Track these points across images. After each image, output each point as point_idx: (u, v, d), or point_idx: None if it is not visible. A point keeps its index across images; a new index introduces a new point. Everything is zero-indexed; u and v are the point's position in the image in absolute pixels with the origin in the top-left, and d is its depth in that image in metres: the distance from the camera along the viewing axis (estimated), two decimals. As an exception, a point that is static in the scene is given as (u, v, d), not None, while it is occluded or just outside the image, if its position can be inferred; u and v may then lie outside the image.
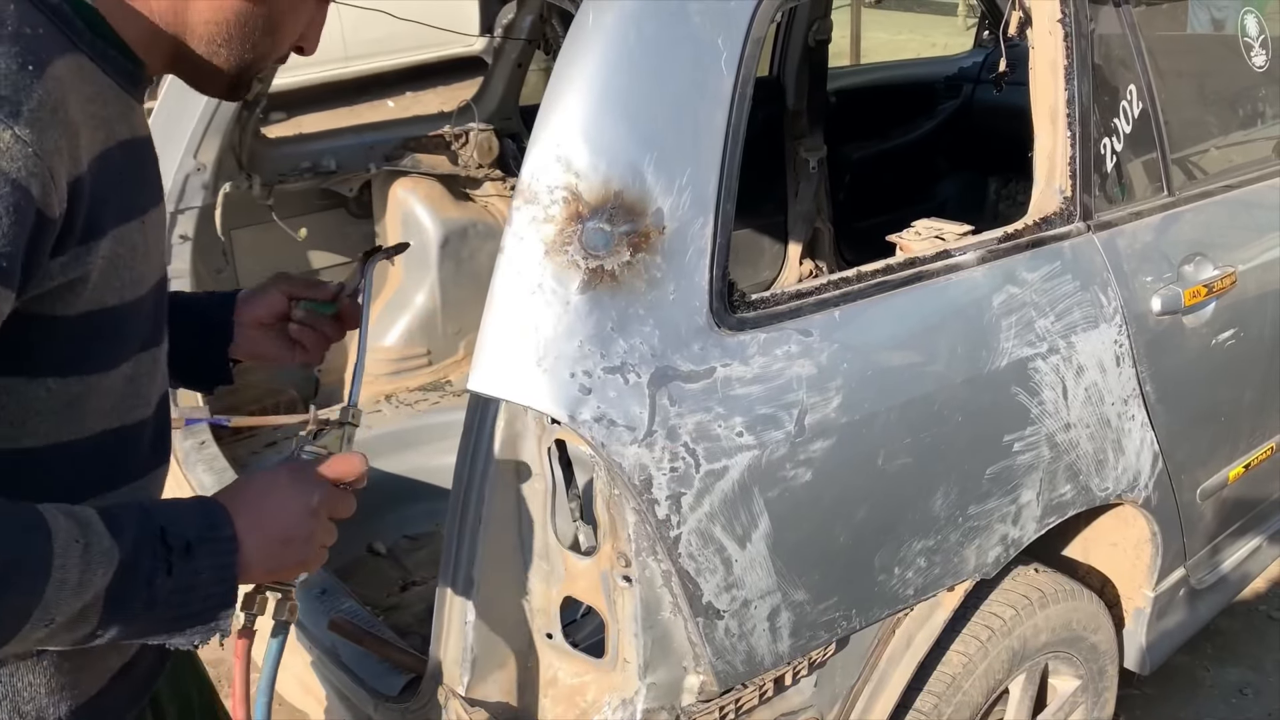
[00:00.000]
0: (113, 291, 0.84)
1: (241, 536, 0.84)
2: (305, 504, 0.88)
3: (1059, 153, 1.56)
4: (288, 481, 0.89)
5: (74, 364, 0.84)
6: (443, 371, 2.73)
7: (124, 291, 0.85)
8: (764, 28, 1.23)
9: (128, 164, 0.85)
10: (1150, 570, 1.81)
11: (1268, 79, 2.05)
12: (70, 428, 0.85)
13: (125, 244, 0.84)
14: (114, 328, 0.86)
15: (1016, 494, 1.45)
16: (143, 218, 0.88)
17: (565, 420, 1.10)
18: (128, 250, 0.85)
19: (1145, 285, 1.62)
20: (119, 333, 0.87)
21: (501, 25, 2.74)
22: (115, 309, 0.85)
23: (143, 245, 0.88)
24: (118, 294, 0.85)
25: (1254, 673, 2.42)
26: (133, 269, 0.86)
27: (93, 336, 0.84)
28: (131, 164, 0.86)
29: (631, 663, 1.20)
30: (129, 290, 0.86)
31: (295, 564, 0.89)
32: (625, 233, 1.12)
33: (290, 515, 0.88)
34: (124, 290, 0.85)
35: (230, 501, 0.87)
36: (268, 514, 0.87)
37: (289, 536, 0.88)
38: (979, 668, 1.59)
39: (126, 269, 0.85)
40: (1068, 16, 1.55)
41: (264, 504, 0.88)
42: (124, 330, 0.87)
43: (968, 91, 3.63)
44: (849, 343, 1.27)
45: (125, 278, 0.85)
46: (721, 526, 1.16)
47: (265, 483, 0.90)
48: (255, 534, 0.86)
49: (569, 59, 1.16)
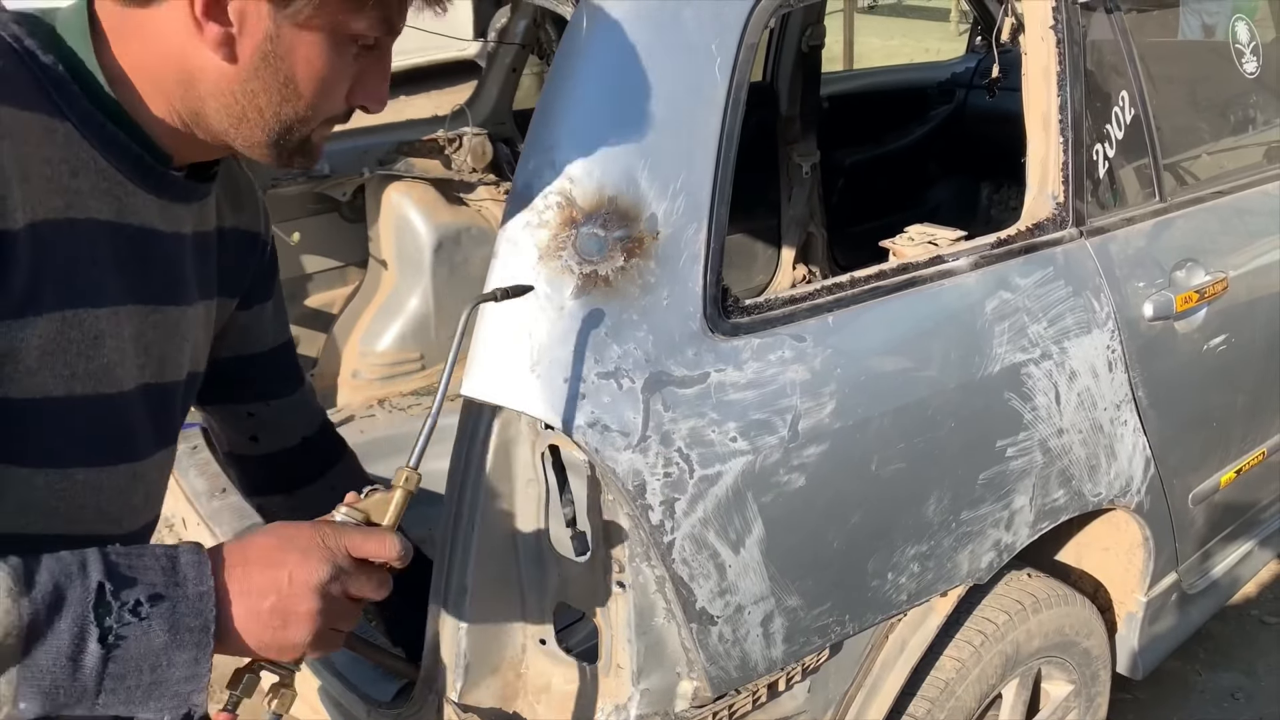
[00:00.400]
0: (59, 381, 0.73)
1: (229, 597, 0.71)
2: (315, 576, 0.74)
3: (1052, 158, 1.57)
4: (305, 545, 0.75)
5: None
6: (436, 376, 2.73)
7: (73, 384, 0.74)
8: (758, 33, 1.23)
9: (103, 246, 0.77)
10: (1142, 575, 1.82)
11: (1258, 85, 2.06)
12: None
13: (82, 331, 0.75)
14: (55, 421, 0.74)
15: (1009, 499, 1.45)
16: (120, 309, 0.78)
17: (559, 426, 1.10)
18: (88, 339, 0.75)
19: (1137, 291, 1.63)
20: (62, 429, 0.75)
21: (495, 30, 2.74)
22: (61, 401, 0.73)
23: (117, 340, 0.78)
24: (65, 384, 0.74)
25: (1245, 677, 2.43)
26: (92, 360, 0.76)
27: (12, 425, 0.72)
28: (112, 249, 0.78)
29: (625, 669, 1.20)
30: (81, 384, 0.75)
31: (293, 645, 0.74)
32: (619, 238, 1.12)
33: (294, 586, 0.73)
34: (73, 383, 0.74)
35: (230, 553, 0.74)
36: (266, 578, 0.73)
37: (286, 610, 0.73)
38: (972, 673, 1.60)
39: (82, 358, 0.75)
40: (1060, 22, 1.56)
41: (267, 563, 0.74)
42: (68, 427, 0.76)
43: (960, 97, 3.64)
44: (843, 348, 1.27)
45: (79, 368, 0.75)
46: (715, 532, 1.16)
47: (279, 540, 0.75)
48: (245, 599, 0.72)
49: (563, 64, 1.16)
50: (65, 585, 0.65)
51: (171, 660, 0.68)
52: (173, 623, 0.68)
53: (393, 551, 0.78)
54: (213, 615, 0.70)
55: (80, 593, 0.65)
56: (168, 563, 0.70)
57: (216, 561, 0.72)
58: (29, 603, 0.63)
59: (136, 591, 0.67)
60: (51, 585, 0.65)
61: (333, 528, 0.78)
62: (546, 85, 1.17)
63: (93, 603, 0.65)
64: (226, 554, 0.73)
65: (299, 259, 2.61)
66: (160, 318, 0.84)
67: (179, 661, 0.68)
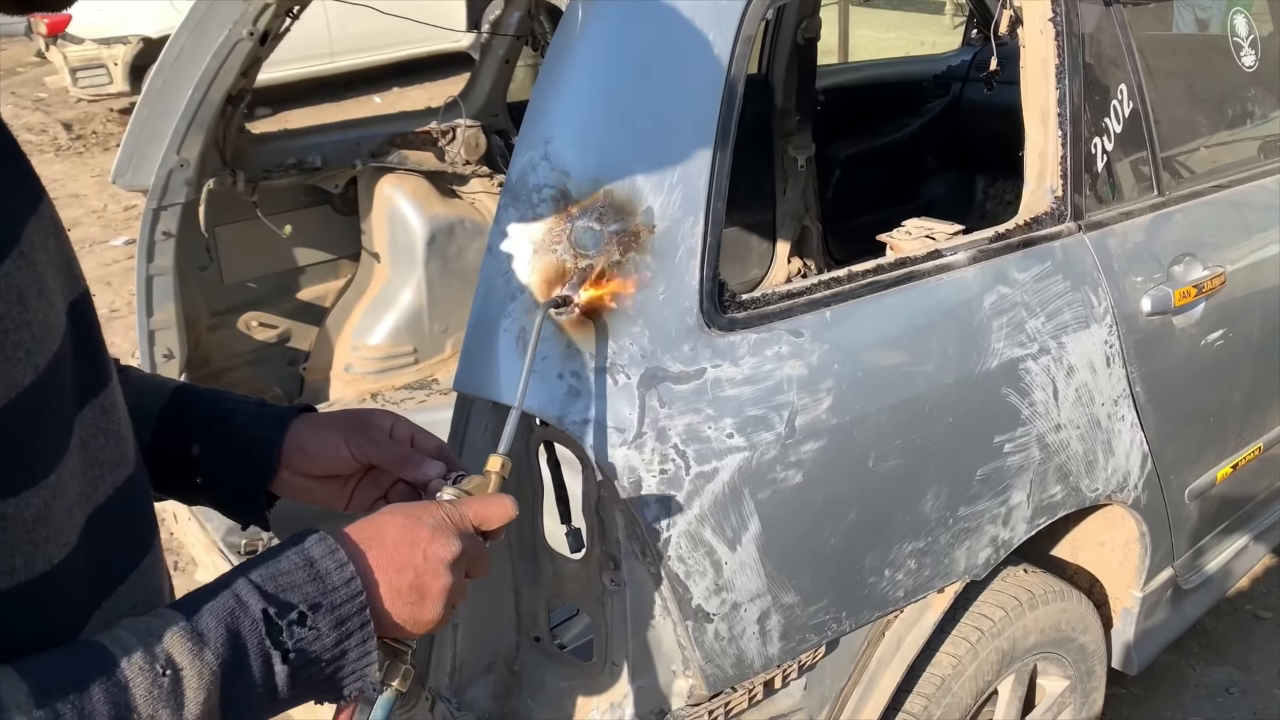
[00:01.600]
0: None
1: (372, 577, 0.73)
2: (449, 551, 0.76)
3: (1050, 152, 1.56)
4: (436, 521, 0.76)
5: None
6: (429, 369, 2.72)
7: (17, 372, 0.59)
8: (755, 25, 1.22)
9: None
10: (1138, 570, 1.81)
11: (1256, 79, 2.05)
12: None
13: None
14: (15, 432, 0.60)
15: (1007, 495, 1.44)
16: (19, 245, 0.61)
17: (554, 422, 1.09)
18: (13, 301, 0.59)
19: (1135, 285, 1.62)
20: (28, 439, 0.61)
21: (488, 21, 2.72)
22: None
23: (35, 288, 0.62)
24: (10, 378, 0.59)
25: (1240, 672, 2.43)
26: (28, 328, 0.60)
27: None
28: None
29: (620, 666, 1.19)
30: (23, 370, 0.60)
31: (428, 620, 0.75)
32: (615, 231, 1.11)
33: (430, 562, 0.75)
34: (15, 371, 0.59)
35: (365, 536, 0.74)
36: (404, 555, 0.74)
37: (424, 587, 0.74)
38: (968, 669, 1.59)
39: (16, 330, 0.59)
40: (1059, 15, 1.55)
41: (402, 541, 0.75)
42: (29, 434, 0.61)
43: (956, 90, 3.63)
44: (840, 343, 1.26)
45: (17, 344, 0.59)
46: (711, 529, 1.15)
47: (409, 519, 0.76)
48: (386, 577, 0.73)
49: (558, 55, 1.14)
50: (235, 624, 0.67)
51: (345, 650, 0.71)
52: (336, 620, 0.71)
53: (513, 508, 0.82)
54: (364, 600, 0.72)
55: (250, 625, 0.68)
56: (307, 567, 0.71)
57: (348, 545, 0.74)
58: (213, 655, 0.65)
59: (297, 608, 0.69)
60: (223, 630, 0.67)
61: (453, 504, 0.80)
62: (541, 77, 1.16)
63: (264, 631, 0.68)
64: (359, 538, 0.74)
65: (291, 252, 2.59)
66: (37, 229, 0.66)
67: (351, 647, 0.71)
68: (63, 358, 0.65)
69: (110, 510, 0.69)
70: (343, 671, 0.72)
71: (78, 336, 0.68)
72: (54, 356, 0.63)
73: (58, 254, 0.67)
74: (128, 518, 0.72)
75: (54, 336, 0.64)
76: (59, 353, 0.64)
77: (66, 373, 0.66)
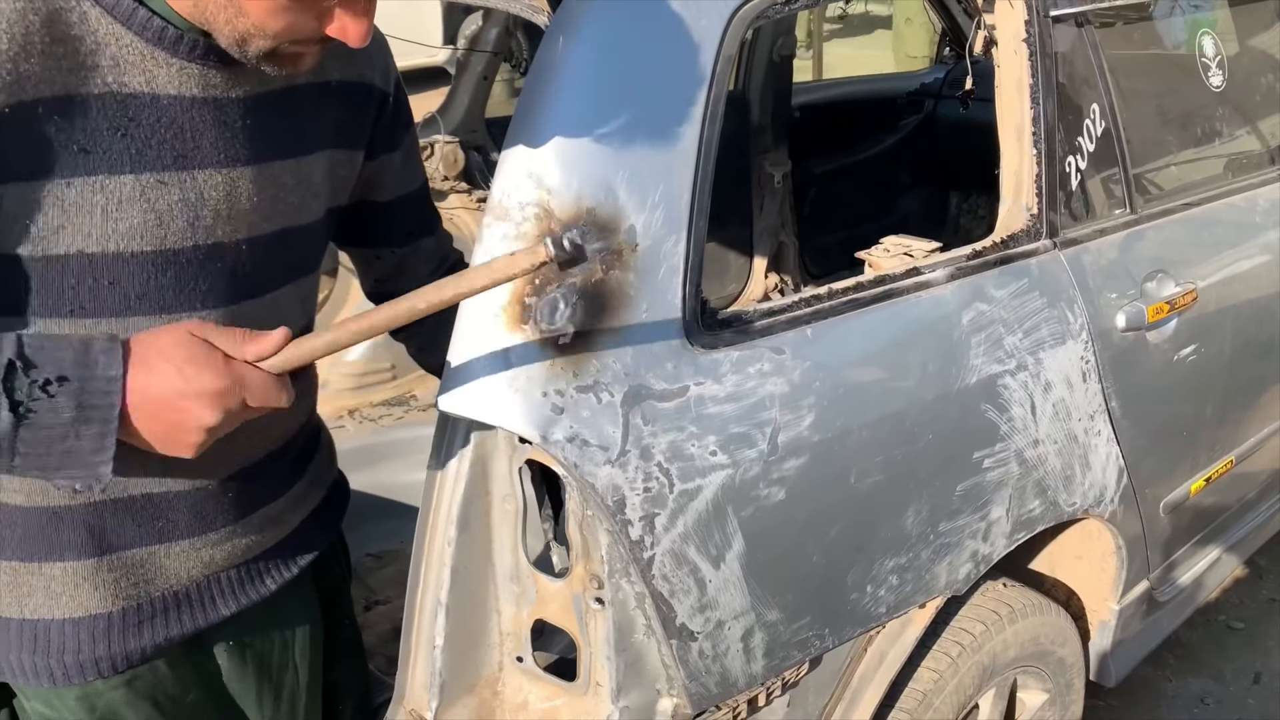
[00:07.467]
0: (80, 238, 0.83)
1: (134, 385, 0.79)
2: (215, 386, 0.82)
3: (1025, 170, 1.57)
4: (201, 356, 0.82)
5: None
6: (407, 386, 2.70)
7: (104, 242, 0.84)
8: (735, 45, 1.23)
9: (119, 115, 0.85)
10: (1115, 583, 1.83)
11: (1224, 99, 2.09)
12: None
13: (106, 195, 0.84)
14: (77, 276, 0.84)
15: (986, 510, 1.45)
16: (141, 176, 0.86)
17: (537, 440, 1.08)
18: (114, 203, 0.84)
19: (1110, 302, 1.64)
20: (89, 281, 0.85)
21: (465, 37, 2.72)
22: (77, 257, 0.83)
23: (140, 200, 0.86)
24: (89, 242, 0.84)
25: (1215, 682, 2.46)
26: (120, 220, 0.85)
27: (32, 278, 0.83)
28: (116, 119, 0.85)
29: (604, 686, 1.18)
30: (110, 242, 0.85)
31: (183, 448, 0.83)
32: (598, 250, 1.11)
33: (195, 400, 0.81)
34: (98, 241, 0.84)
35: (141, 348, 0.81)
36: (164, 382, 0.80)
37: (182, 424, 0.81)
38: (950, 684, 1.60)
39: (107, 219, 0.84)
40: (1032, 36, 1.57)
41: (175, 378, 0.81)
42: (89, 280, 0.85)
43: (929, 107, 3.66)
44: (821, 360, 1.26)
45: (101, 229, 0.84)
46: (695, 547, 1.15)
47: (180, 346, 0.82)
48: (144, 395, 0.80)
49: (540, 74, 1.15)
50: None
51: (79, 434, 0.77)
52: (79, 402, 0.77)
53: (281, 339, 0.86)
54: (116, 399, 0.78)
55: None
56: (81, 348, 0.78)
57: (136, 359, 0.80)
58: None
59: (44, 371, 0.76)
60: None
61: (220, 331, 0.85)
62: (523, 95, 1.16)
63: (1, 377, 0.75)
64: (137, 348, 0.81)
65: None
66: (219, 179, 0.91)
67: (86, 435, 0.77)
68: (134, 266, 0.89)
69: None
70: (72, 457, 0.77)
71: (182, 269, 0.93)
72: (131, 254, 0.89)
73: (219, 202, 0.94)
74: None
75: (142, 242, 0.89)
76: (137, 259, 0.89)
77: (138, 279, 0.90)
